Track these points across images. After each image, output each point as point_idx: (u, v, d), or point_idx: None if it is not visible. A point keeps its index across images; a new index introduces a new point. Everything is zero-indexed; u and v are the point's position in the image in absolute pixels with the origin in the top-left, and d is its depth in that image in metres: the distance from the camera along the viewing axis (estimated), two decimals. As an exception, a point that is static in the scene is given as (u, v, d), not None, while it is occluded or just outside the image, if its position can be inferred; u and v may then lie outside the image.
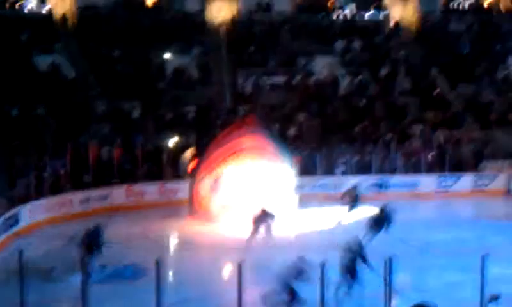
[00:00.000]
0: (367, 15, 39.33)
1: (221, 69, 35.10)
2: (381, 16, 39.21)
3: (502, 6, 41.14)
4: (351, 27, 38.32)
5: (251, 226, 20.51)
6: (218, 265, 19.08)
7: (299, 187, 25.57)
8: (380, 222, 20.32)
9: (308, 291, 13.67)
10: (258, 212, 20.76)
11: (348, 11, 39.10)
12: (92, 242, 17.47)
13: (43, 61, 32.86)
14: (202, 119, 31.29)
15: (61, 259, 18.34)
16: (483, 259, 12.68)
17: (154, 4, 38.60)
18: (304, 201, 25.39)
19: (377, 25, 38.72)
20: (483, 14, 40.30)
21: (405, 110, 33.33)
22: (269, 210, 20.98)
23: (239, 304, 12.35)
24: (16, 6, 36.26)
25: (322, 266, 12.11)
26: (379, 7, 39.64)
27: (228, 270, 18.36)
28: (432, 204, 27.86)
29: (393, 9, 39.00)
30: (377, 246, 18.73)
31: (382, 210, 20.60)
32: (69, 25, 35.47)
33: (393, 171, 29.53)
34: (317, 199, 26.71)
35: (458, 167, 29.89)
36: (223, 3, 37.62)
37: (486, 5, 41.12)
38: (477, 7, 40.76)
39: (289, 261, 14.68)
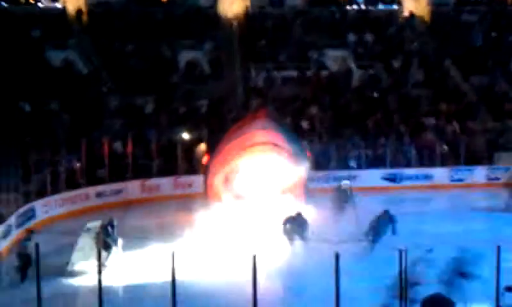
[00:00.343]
0: (379, 8, 39.21)
1: (233, 63, 35.13)
2: (393, 8, 39.09)
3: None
4: (363, 19, 38.22)
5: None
6: (233, 257, 19.13)
7: (312, 180, 25.58)
8: (384, 224, 20.15)
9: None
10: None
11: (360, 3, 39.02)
12: (107, 237, 17.60)
13: (56, 57, 33.03)
14: (215, 113, 31.35)
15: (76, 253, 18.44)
16: (498, 250, 12.66)
17: (166, -1, 38.67)
18: (316, 194, 25.40)
19: (390, 18, 38.59)
20: (496, 5, 40.06)
21: (418, 102, 33.22)
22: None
23: (254, 298, 12.41)
24: (31, 0, 36.43)
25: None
26: (390, 0, 39.51)
27: (242, 263, 18.41)
28: (446, 196, 27.78)
29: (406, 1, 38.86)
30: (390, 237, 18.80)
31: (385, 212, 20.38)
32: (82, 21, 35.62)
33: (406, 163, 29.46)
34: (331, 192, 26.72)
35: (472, 159, 29.78)
36: (235, -2, 37.67)
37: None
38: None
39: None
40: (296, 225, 20.15)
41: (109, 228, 18.05)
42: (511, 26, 37.88)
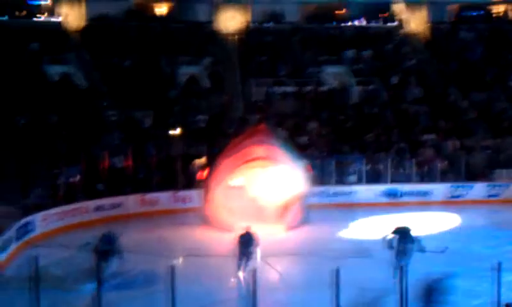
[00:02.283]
0: (377, 24, 39.40)
1: (232, 78, 35.21)
2: (391, 25, 39.27)
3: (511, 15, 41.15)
4: (361, 36, 38.38)
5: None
6: (230, 272, 19.05)
7: (311, 196, 25.57)
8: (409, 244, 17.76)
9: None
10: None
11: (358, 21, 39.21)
12: (107, 249, 17.51)
13: (55, 71, 33.07)
14: (214, 128, 31.36)
15: (75, 268, 18.39)
16: (499, 266, 12.65)
17: (166, 13, 38.79)
18: (316, 210, 25.40)
19: (388, 34, 38.76)
20: (493, 22, 40.27)
21: (417, 118, 33.27)
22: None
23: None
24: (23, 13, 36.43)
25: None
26: (389, 18, 39.71)
27: (239, 278, 18.33)
28: (445, 213, 27.74)
29: (404, 19, 39.07)
30: (389, 253, 18.71)
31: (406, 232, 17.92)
32: (80, 35, 35.68)
33: (406, 179, 29.45)
34: (330, 208, 26.75)
35: (471, 175, 29.78)
36: (234, 13, 37.80)
37: (497, 14, 41.09)
38: (487, 15, 40.75)
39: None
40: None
41: (109, 241, 17.97)
42: (509, 43, 38.04)
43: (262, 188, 24.55)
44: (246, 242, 18.22)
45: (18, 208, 22.43)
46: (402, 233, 17.61)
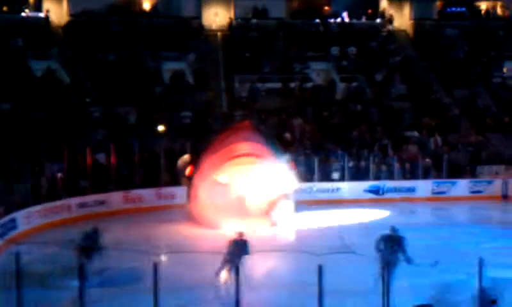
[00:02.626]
0: (362, 21, 39.48)
1: (217, 74, 35.17)
2: (376, 22, 39.36)
3: (498, 11, 41.34)
4: (346, 33, 38.43)
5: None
6: (215, 269, 19.03)
7: (296, 192, 25.58)
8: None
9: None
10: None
11: (343, 17, 39.24)
12: (90, 245, 17.41)
13: (39, 67, 32.87)
14: (198, 124, 31.30)
15: (58, 265, 18.30)
16: (480, 263, 12.71)
17: (150, 9, 38.65)
18: (300, 206, 25.42)
19: (373, 31, 38.84)
20: (479, 19, 40.46)
21: (401, 115, 33.39)
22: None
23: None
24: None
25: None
26: (374, 14, 39.79)
27: (225, 275, 18.32)
28: (428, 209, 27.87)
29: (389, 15, 39.16)
30: (374, 249, 18.76)
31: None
32: (64, 31, 35.49)
33: (389, 176, 29.56)
34: (314, 204, 26.80)
35: (454, 172, 29.94)
36: (219, 9, 37.72)
37: (482, 10, 41.29)
38: (472, 12, 40.94)
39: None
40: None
41: (92, 238, 17.87)
42: (493, 40, 38.24)
43: (247, 185, 24.52)
44: (239, 249, 16.79)
45: (0, 205, 22.24)
46: (392, 240, 17.23)
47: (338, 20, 39.06)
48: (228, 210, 23.14)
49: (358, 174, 29.28)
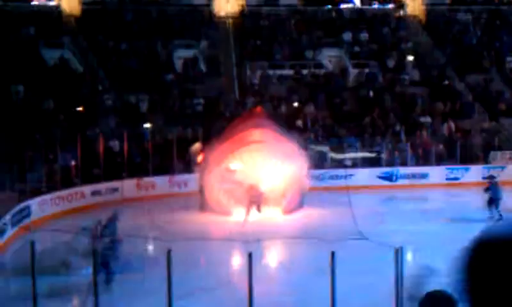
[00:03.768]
0: (374, 6, 39.28)
1: (228, 62, 35.12)
2: (388, 7, 39.16)
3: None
4: (358, 18, 38.25)
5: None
6: (228, 256, 19.11)
7: (308, 179, 25.57)
8: None
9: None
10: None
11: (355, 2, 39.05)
12: (108, 233, 17.51)
13: (51, 55, 32.97)
14: (210, 111, 31.32)
15: (72, 252, 18.40)
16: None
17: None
18: (312, 194, 25.41)
19: (385, 17, 38.64)
20: (491, 4, 40.15)
21: (414, 101, 33.26)
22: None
23: (249, 295, 12.40)
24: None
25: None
26: (386, 0, 39.57)
27: (237, 261, 18.39)
28: (442, 195, 27.79)
29: (400, 1, 38.93)
30: (386, 236, 18.79)
31: None
32: (76, 20, 35.54)
33: (402, 162, 29.48)
34: (327, 191, 26.76)
35: (467, 157, 29.82)
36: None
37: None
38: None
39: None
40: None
41: (111, 226, 17.97)
42: (506, 25, 37.96)
43: (259, 172, 24.52)
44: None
45: (14, 193, 22.39)
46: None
47: (350, 5, 38.87)
48: (239, 197, 23.15)
49: (370, 161, 29.21)
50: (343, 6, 38.94)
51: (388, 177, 28.71)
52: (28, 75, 30.63)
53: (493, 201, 22.04)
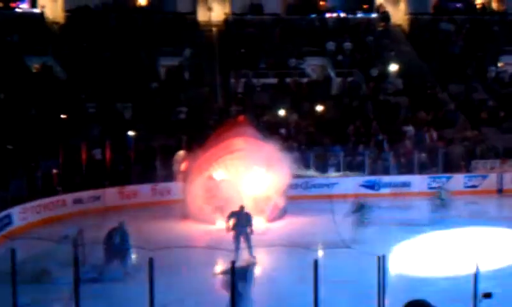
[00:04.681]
0: (358, 16, 39.48)
1: (212, 70, 35.14)
2: (372, 17, 39.38)
3: (493, 6, 41.37)
4: (342, 27, 38.41)
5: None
6: (210, 264, 19.08)
7: (291, 188, 25.62)
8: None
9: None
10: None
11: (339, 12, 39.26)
12: (123, 246, 17.55)
13: (35, 62, 32.84)
14: (194, 119, 31.29)
15: (54, 261, 18.30)
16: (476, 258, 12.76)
17: (145, 5, 38.60)
18: (296, 202, 25.46)
19: (368, 26, 38.83)
20: (474, 14, 40.47)
21: (397, 110, 33.41)
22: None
23: (232, 304, 12.39)
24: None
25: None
26: (369, 9, 39.79)
27: (220, 270, 18.36)
28: (424, 203, 27.90)
29: (384, 10, 39.16)
30: (369, 244, 18.86)
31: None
32: (60, 27, 35.44)
33: (385, 171, 29.59)
34: (309, 200, 26.82)
35: (450, 166, 29.97)
36: (214, 4, 37.68)
37: (477, 5, 41.30)
38: (468, 7, 40.95)
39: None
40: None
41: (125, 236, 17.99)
42: (488, 35, 38.26)
43: (243, 181, 24.53)
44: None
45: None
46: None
47: (334, 15, 39.05)
48: (223, 205, 23.12)
49: (353, 169, 29.26)
50: (327, 15, 39.08)
51: (371, 186, 28.80)
52: (11, 82, 30.47)
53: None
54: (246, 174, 24.52)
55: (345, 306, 15.87)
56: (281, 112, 32.19)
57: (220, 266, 18.66)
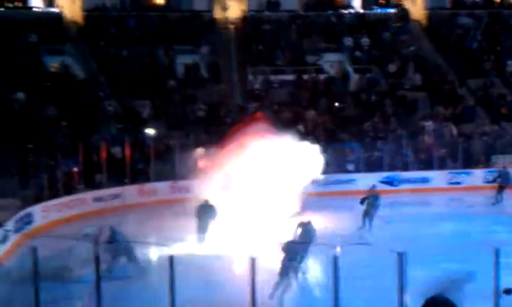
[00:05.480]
0: (375, 11, 39.32)
1: (230, 67, 35.15)
2: (389, 11, 39.19)
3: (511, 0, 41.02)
4: (359, 23, 38.28)
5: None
6: (230, 262, 19.12)
7: (311, 184, 25.59)
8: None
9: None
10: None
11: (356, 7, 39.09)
12: (120, 245, 17.66)
13: (53, 62, 33.02)
14: (212, 117, 31.35)
15: (74, 259, 18.43)
16: (496, 253, 12.67)
17: (163, 3, 38.70)
18: (315, 198, 25.41)
19: (386, 21, 38.65)
20: (492, 8, 40.16)
21: (415, 105, 33.27)
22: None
23: (252, 300, 12.40)
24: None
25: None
26: (386, 4, 39.60)
27: (238, 268, 18.40)
28: (444, 199, 27.81)
29: (402, 6, 38.96)
30: (388, 240, 18.81)
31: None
32: (78, 26, 35.61)
33: (404, 167, 29.47)
34: (328, 196, 26.77)
35: (469, 162, 29.79)
36: (231, 2, 37.68)
37: (495, -1, 41.02)
38: (486, 1, 40.63)
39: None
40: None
41: (115, 236, 18.06)
42: (507, 29, 37.97)
43: (261, 177, 24.53)
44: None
45: (17, 199, 22.42)
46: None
47: (351, 10, 38.92)
48: (242, 202, 23.15)
49: (372, 165, 29.20)
50: (344, 10, 38.94)
51: (390, 182, 28.69)
52: (30, 81, 30.68)
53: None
54: (264, 171, 24.51)
55: (365, 303, 15.84)
56: (299, 109, 32.14)
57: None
